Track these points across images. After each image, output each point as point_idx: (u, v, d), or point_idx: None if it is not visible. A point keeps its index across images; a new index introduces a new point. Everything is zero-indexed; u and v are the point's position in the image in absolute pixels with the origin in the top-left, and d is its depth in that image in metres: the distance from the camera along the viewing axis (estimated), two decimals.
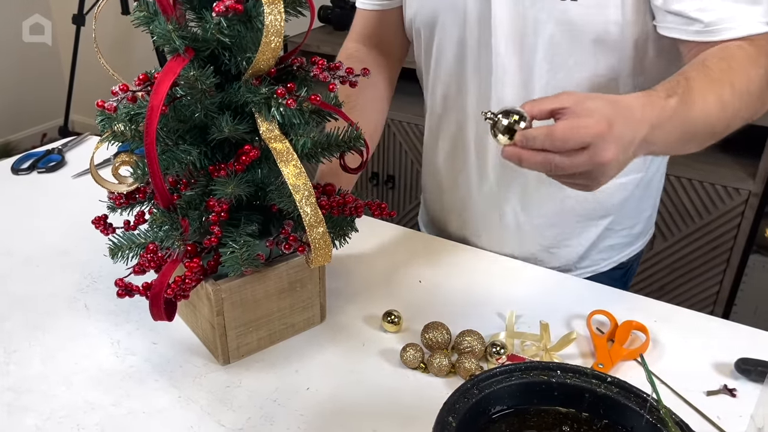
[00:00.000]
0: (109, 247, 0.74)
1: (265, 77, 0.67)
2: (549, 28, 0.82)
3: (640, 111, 0.64)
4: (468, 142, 0.98)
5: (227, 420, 0.67)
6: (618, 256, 1.03)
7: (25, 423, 0.67)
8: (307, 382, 0.73)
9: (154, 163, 0.64)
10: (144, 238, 0.73)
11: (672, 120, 0.66)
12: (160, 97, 0.61)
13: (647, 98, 0.66)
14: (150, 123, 0.61)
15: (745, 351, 0.75)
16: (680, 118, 0.67)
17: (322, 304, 0.81)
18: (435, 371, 0.73)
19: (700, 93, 0.68)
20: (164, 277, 0.67)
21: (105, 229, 0.76)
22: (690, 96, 0.68)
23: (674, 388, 0.71)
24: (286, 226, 0.71)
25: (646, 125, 0.64)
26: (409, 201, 2.21)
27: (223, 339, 0.73)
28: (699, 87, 0.69)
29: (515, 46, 0.85)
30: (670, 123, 0.66)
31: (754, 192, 1.67)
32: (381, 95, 1.03)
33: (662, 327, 0.80)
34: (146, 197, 0.74)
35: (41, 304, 0.84)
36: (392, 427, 0.67)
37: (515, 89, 0.88)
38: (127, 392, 0.71)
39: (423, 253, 0.96)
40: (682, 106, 0.67)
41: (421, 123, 2.19)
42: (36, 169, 1.20)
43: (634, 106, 0.65)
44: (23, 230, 1.01)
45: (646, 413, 0.55)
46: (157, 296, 0.67)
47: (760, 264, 1.75)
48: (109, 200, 0.75)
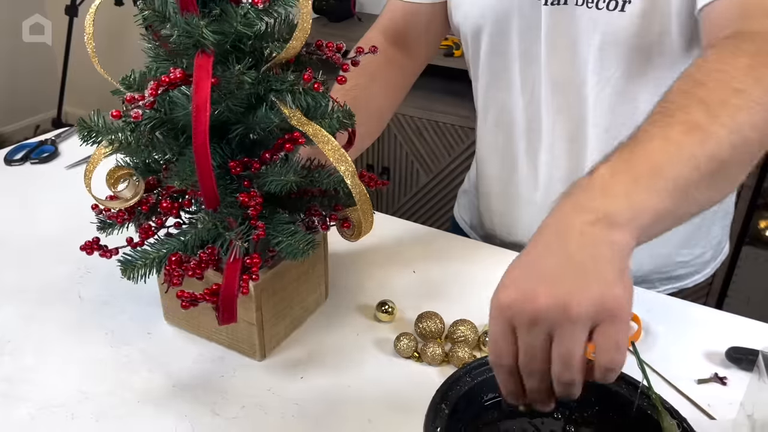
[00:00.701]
0: (120, 268, 0.68)
1: (286, 64, 0.65)
2: (596, 39, 0.79)
3: (552, 221, 0.50)
4: (518, 154, 0.94)
5: (221, 409, 0.68)
6: (679, 284, 0.96)
7: (19, 413, 0.67)
8: (301, 371, 0.73)
9: (206, 164, 0.61)
10: (157, 250, 0.68)
11: (617, 177, 0.50)
12: (204, 94, 0.59)
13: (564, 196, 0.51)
14: (198, 123, 0.59)
15: (736, 340, 0.76)
16: (635, 170, 0.50)
17: (327, 282, 0.82)
18: (428, 360, 0.73)
19: (660, 128, 0.53)
20: (232, 280, 0.65)
21: (105, 252, 0.71)
22: (640, 140, 0.53)
23: (665, 377, 0.71)
24: (318, 207, 0.72)
25: (572, 215, 0.49)
26: (404, 193, 2.21)
27: (261, 334, 0.73)
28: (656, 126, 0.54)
29: (563, 59, 0.83)
30: (620, 180, 0.50)
31: (747, 184, 1.68)
32: (386, 98, 0.97)
33: (654, 316, 0.81)
34: (149, 209, 0.70)
35: (35, 295, 0.84)
36: (386, 416, 0.67)
37: (563, 102, 0.85)
38: (122, 382, 0.71)
39: (417, 243, 0.96)
40: (623, 159, 0.51)
41: (417, 115, 2.18)
42: (29, 159, 1.20)
43: (544, 225, 0.51)
44: (16, 221, 1.01)
45: (637, 400, 0.56)
46: (231, 299, 0.65)
47: (752, 256, 1.76)
48: (108, 219, 0.70)
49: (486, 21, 0.87)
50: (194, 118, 0.59)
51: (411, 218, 1.09)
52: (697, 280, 0.99)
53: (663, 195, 0.49)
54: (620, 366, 0.46)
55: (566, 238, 0.47)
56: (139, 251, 0.68)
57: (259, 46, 0.64)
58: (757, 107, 0.54)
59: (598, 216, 0.47)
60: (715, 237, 0.97)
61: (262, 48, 0.65)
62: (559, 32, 0.82)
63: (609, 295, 0.45)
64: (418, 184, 2.17)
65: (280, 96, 0.64)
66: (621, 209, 0.48)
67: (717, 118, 0.52)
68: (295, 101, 0.64)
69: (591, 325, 0.45)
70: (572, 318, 0.44)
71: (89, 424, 0.66)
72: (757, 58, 0.56)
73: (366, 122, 0.75)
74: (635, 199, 0.48)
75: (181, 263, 0.66)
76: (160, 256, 0.67)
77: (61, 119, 3.05)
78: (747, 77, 0.55)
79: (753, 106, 0.54)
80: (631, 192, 0.49)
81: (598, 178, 0.50)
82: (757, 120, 0.54)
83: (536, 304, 0.45)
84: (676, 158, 0.50)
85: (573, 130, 0.87)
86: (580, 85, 0.84)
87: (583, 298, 0.44)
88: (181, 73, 0.60)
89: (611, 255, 0.46)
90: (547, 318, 0.45)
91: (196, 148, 0.60)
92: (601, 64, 0.81)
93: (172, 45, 0.62)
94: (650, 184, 0.49)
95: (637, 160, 0.50)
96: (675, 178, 0.50)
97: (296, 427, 0.66)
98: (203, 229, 0.67)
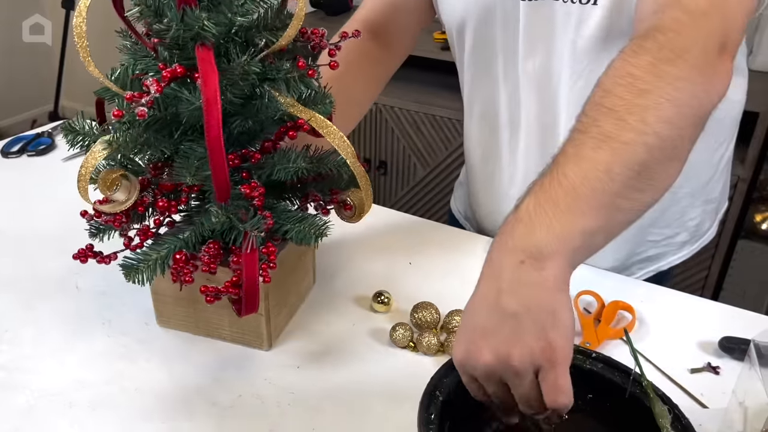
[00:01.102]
0: (123, 273, 0.66)
1: (279, 53, 0.65)
2: (570, 32, 0.79)
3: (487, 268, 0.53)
4: (501, 147, 0.95)
5: (218, 398, 0.68)
6: (655, 266, 0.98)
7: (17, 401, 0.67)
8: (296, 360, 0.73)
9: (221, 157, 0.60)
10: (157, 251, 0.66)
11: (539, 210, 0.52)
12: (213, 87, 0.58)
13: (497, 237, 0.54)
14: (211, 116, 0.59)
15: (729, 330, 0.76)
16: (553, 199, 0.52)
17: (314, 268, 0.84)
18: (424, 350, 0.74)
19: (573, 149, 0.55)
20: (253, 270, 0.64)
21: (102, 259, 0.69)
22: (556, 167, 0.54)
23: (659, 366, 0.72)
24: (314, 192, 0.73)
25: (502, 258, 0.51)
26: (401, 187, 2.22)
27: (268, 323, 0.73)
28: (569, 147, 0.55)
29: (539, 52, 0.83)
30: (541, 213, 0.51)
31: (743, 177, 1.68)
32: (361, 89, 0.96)
33: (648, 307, 0.81)
34: (145, 208, 0.69)
35: (32, 285, 0.84)
36: (381, 405, 0.68)
37: (539, 95, 0.86)
38: (119, 371, 0.71)
39: (413, 235, 0.97)
40: (543, 191, 0.53)
41: (413, 108, 2.18)
42: (26, 152, 1.20)
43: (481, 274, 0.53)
44: (13, 212, 1.01)
45: (630, 387, 0.56)
46: (254, 289, 0.65)
47: (748, 249, 1.76)
48: (104, 223, 0.68)
49: (470, 15, 0.88)
50: (206, 111, 0.58)
51: (408, 212, 1.10)
52: (673, 262, 0.99)
53: (587, 214, 0.51)
54: (565, 406, 0.49)
55: (498, 286, 0.50)
56: (139, 254, 0.67)
57: (250, 37, 0.65)
58: (666, 103, 0.54)
59: (525, 254, 0.49)
60: (692, 220, 0.98)
61: (253, 38, 0.65)
62: (537, 27, 0.82)
63: (542, 344, 0.48)
64: (416, 178, 2.18)
65: (275, 85, 0.64)
66: (546, 241, 0.49)
67: (626, 124, 0.53)
68: (290, 89, 0.64)
69: (534, 370, 0.49)
70: (515, 370, 0.48)
71: (86, 413, 0.66)
72: (660, 55, 0.57)
73: (340, 111, 0.74)
74: (559, 226, 0.50)
75: (187, 261, 0.66)
76: (162, 256, 0.66)
77: (58, 113, 3.04)
78: (650, 75, 0.56)
79: (661, 103, 0.54)
80: (554, 221, 0.50)
81: (523, 213, 0.52)
82: (669, 115, 0.54)
83: (482, 361, 0.50)
84: (592, 175, 0.51)
85: (549, 123, 0.88)
86: (556, 78, 0.84)
87: (519, 353, 0.48)
88: (181, 68, 0.60)
89: (543, 296, 0.49)
90: (495, 372, 0.50)
91: (210, 142, 0.59)
92: (574, 57, 0.81)
93: (167, 40, 0.62)
94: (571, 207, 0.50)
95: (556, 187, 0.52)
96: (593, 194, 0.51)
97: (293, 415, 0.66)
98: (217, 222, 0.65)
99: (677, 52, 0.57)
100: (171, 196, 0.69)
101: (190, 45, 0.61)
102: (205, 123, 0.59)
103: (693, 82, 0.57)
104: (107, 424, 0.65)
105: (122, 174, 0.65)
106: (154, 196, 0.69)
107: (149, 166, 0.69)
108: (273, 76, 0.64)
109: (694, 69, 0.57)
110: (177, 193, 0.69)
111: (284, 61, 0.65)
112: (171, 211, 0.68)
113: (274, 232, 0.69)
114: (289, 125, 0.67)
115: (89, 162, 0.64)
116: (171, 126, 0.65)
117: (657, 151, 0.54)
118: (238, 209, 0.65)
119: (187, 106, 0.61)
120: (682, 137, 0.56)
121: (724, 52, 0.60)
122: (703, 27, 0.59)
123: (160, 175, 0.69)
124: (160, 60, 0.63)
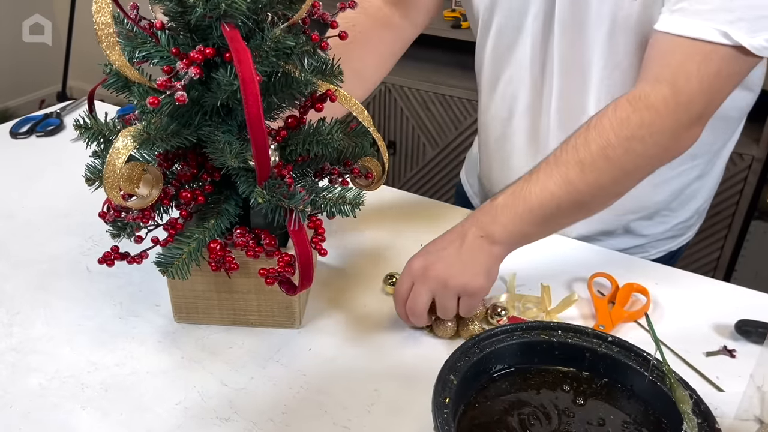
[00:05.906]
0: (160, 270, 0.65)
1: (289, 28, 0.64)
2: (606, 24, 0.78)
3: (459, 226, 0.73)
4: (521, 130, 0.94)
5: (230, 380, 0.68)
6: (665, 247, 1.01)
7: (30, 383, 0.68)
8: (309, 342, 0.73)
9: (263, 136, 0.59)
10: (187, 243, 0.65)
11: (505, 210, 0.71)
12: (249, 65, 0.57)
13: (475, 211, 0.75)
14: (249, 95, 0.57)
15: (745, 313, 0.75)
16: (516, 207, 0.71)
17: None
18: (441, 333, 0.73)
19: (545, 175, 0.71)
20: (304, 246, 0.64)
21: (132, 259, 0.69)
22: (528, 183, 0.71)
23: (674, 349, 0.71)
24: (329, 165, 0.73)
25: (470, 227, 0.72)
26: (410, 167, 2.20)
27: (299, 301, 0.73)
28: (543, 171, 0.72)
29: (572, 41, 0.82)
30: (505, 213, 0.71)
31: (758, 157, 1.66)
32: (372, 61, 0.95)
33: (663, 289, 0.80)
34: (170, 200, 0.67)
35: (43, 267, 0.84)
36: (394, 387, 0.67)
37: (568, 83, 0.86)
38: (131, 353, 0.71)
39: (424, 216, 0.96)
40: (514, 196, 0.71)
41: (423, 88, 2.16)
42: (35, 132, 1.19)
43: (454, 227, 0.74)
44: (23, 193, 1.01)
45: (648, 372, 0.56)
46: (309, 264, 0.65)
47: (761, 230, 1.74)
48: (131, 221, 0.66)
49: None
50: (244, 90, 0.57)
51: (417, 192, 1.09)
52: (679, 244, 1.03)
53: (532, 224, 0.72)
54: (470, 315, 0.73)
55: (462, 240, 0.72)
56: (170, 248, 0.66)
57: (264, 12, 0.63)
58: (622, 174, 0.72)
59: (485, 233, 0.71)
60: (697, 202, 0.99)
61: (265, 14, 0.63)
62: (571, 14, 0.81)
63: (472, 282, 0.70)
64: (425, 158, 2.16)
65: (289, 59, 0.63)
66: (500, 232, 0.71)
67: (585, 177, 0.70)
68: (305, 63, 0.64)
69: (457, 296, 0.70)
70: (448, 288, 0.70)
71: (99, 395, 0.66)
72: (638, 132, 0.69)
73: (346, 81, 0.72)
74: (511, 227, 0.71)
75: (225, 247, 0.66)
76: (193, 249, 0.65)
77: (66, 93, 3.03)
78: (621, 149, 0.70)
79: (618, 175, 0.71)
80: (509, 222, 0.71)
81: (497, 204, 0.72)
82: (623, 180, 0.73)
83: (430, 273, 0.70)
84: (547, 202, 0.70)
85: (575, 111, 0.87)
86: (587, 67, 0.83)
87: (457, 281, 0.70)
88: (211, 49, 0.58)
89: (484, 259, 0.71)
90: (433, 285, 0.70)
91: (251, 121, 0.58)
92: (609, 49, 0.80)
93: (192, 21, 0.59)
94: (524, 218, 0.71)
95: (521, 200, 0.71)
96: (543, 216, 0.71)
97: (304, 397, 0.66)
98: (265, 203, 0.63)
99: (653, 134, 0.70)
100: (192, 185, 0.68)
101: (215, 25, 0.59)
102: (244, 102, 0.58)
103: (655, 158, 0.73)
104: (119, 406, 0.65)
105: (143, 167, 0.63)
106: (176, 187, 0.67)
107: (159, 157, 0.67)
108: (290, 50, 0.62)
109: (660, 148, 0.72)
110: (198, 181, 0.68)
111: (300, 34, 0.63)
112: (198, 201, 0.67)
113: None
114: (314, 97, 0.66)
115: (119, 158, 0.60)
116: (191, 112, 0.64)
117: (599, 199, 0.74)
118: (275, 189, 0.64)
119: (226, 88, 0.59)
120: (620, 193, 0.75)
121: (698, 123, 0.72)
122: (684, 113, 0.70)
123: (171, 167, 0.68)
124: (162, 46, 0.62)
